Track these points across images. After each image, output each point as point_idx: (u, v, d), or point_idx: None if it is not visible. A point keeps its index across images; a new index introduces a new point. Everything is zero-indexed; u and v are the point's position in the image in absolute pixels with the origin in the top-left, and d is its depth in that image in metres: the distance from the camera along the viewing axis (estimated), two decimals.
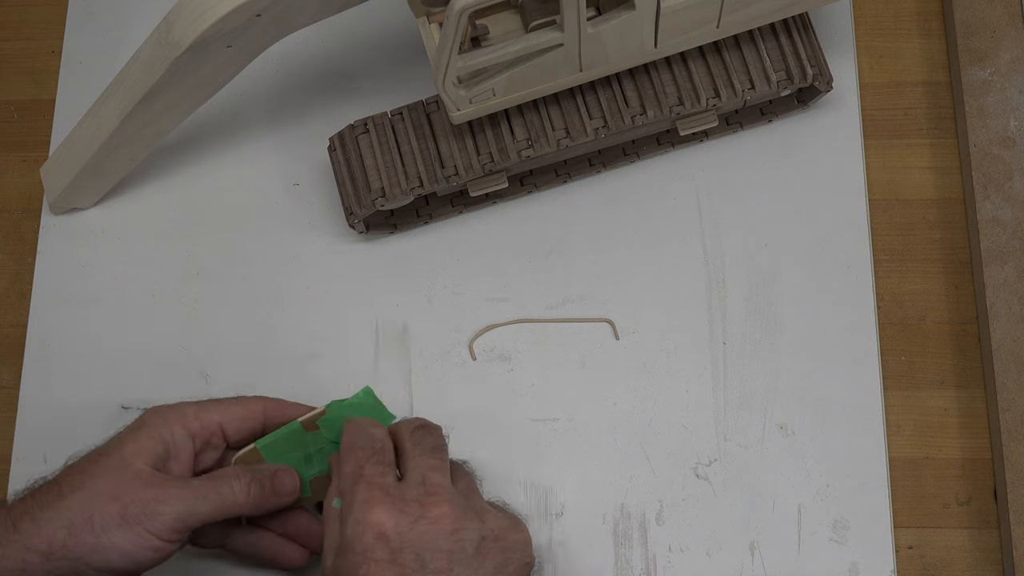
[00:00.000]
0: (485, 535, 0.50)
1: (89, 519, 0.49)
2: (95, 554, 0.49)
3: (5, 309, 0.67)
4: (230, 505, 0.52)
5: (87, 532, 0.49)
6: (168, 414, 0.54)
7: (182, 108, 0.61)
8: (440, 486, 0.50)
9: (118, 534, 0.49)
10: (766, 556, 0.60)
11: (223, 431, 0.55)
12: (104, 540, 0.49)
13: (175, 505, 0.50)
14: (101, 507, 0.50)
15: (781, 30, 0.62)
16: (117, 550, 0.49)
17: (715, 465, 0.61)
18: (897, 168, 0.67)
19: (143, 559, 0.50)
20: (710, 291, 0.64)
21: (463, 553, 0.49)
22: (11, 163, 0.70)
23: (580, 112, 0.61)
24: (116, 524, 0.49)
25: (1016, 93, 0.65)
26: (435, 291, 0.65)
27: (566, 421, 0.62)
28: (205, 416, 0.54)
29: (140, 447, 0.52)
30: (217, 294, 0.66)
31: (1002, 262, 0.63)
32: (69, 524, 0.49)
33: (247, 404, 0.56)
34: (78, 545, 0.49)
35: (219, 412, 0.55)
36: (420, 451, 0.52)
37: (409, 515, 0.48)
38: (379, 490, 0.49)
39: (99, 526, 0.49)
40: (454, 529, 0.49)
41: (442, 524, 0.49)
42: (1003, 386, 0.61)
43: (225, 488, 0.52)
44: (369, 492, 0.49)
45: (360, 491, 0.49)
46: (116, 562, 0.49)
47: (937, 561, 0.60)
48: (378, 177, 0.61)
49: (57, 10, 0.72)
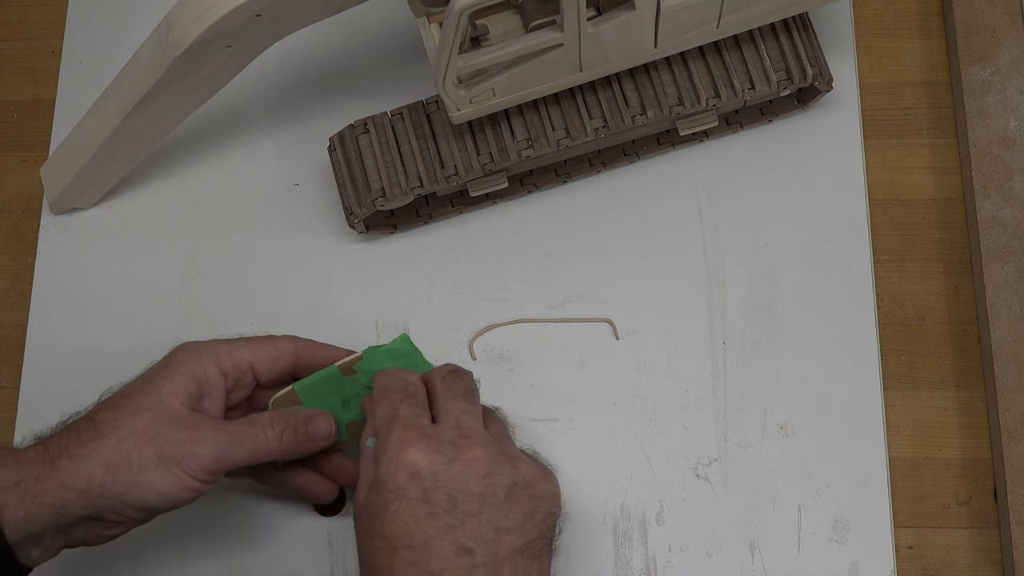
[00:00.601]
0: (516, 481, 0.50)
1: (127, 458, 0.50)
2: (132, 493, 0.50)
3: (5, 309, 0.67)
4: (264, 451, 0.53)
5: (124, 471, 0.50)
6: (200, 351, 0.54)
7: (182, 108, 0.61)
8: (473, 430, 0.51)
9: (155, 474, 0.50)
10: (766, 556, 0.60)
11: (253, 370, 0.55)
12: (141, 479, 0.50)
13: (211, 447, 0.51)
14: (139, 447, 0.50)
15: (781, 30, 0.62)
16: (154, 489, 0.50)
17: (715, 465, 0.61)
18: (897, 168, 0.67)
19: (179, 498, 0.51)
20: (710, 291, 0.64)
21: (494, 497, 0.49)
22: (11, 163, 0.70)
23: (580, 112, 0.61)
24: (153, 464, 0.50)
25: (1016, 93, 0.65)
26: (435, 291, 0.65)
27: (566, 421, 0.62)
28: (236, 355, 0.55)
29: (176, 386, 0.52)
30: (217, 294, 0.66)
31: (1002, 262, 0.63)
32: (107, 463, 0.50)
33: (278, 344, 0.56)
34: (115, 484, 0.50)
35: (250, 351, 0.55)
36: (452, 395, 0.52)
37: (443, 456, 0.49)
38: (415, 430, 0.50)
39: (136, 465, 0.50)
40: (486, 473, 0.49)
41: (475, 467, 0.49)
42: (1003, 386, 0.61)
43: (260, 434, 0.53)
44: (404, 432, 0.50)
45: (395, 431, 0.50)
46: (153, 501, 0.50)
47: (937, 561, 0.60)
48: (378, 177, 0.61)
49: (57, 10, 0.72)
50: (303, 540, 0.61)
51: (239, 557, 0.61)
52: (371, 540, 0.49)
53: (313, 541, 0.61)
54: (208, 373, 0.54)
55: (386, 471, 0.49)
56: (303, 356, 0.57)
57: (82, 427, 0.51)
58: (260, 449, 0.53)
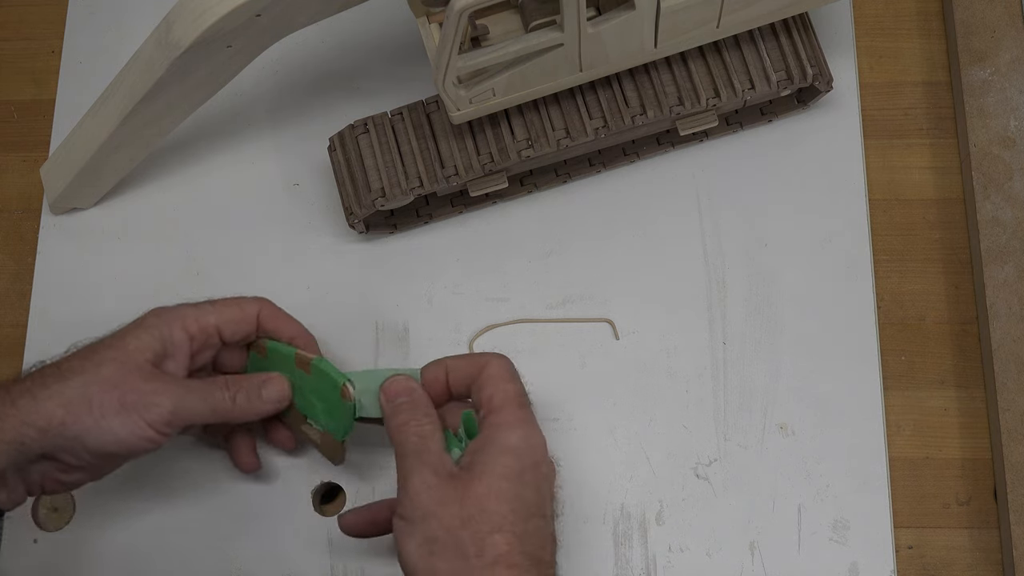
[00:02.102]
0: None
1: (88, 401, 0.51)
2: (91, 435, 0.51)
3: (5, 309, 0.67)
4: (220, 410, 0.55)
5: (85, 413, 0.51)
6: (169, 315, 0.56)
7: (182, 108, 0.61)
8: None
9: (116, 419, 0.51)
10: (766, 556, 0.60)
11: (219, 332, 0.57)
12: (102, 423, 0.51)
13: (171, 399, 0.53)
14: (101, 392, 0.52)
15: (781, 30, 0.62)
16: (113, 434, 0.51)
17: (715, 465, 0.61)
18: (897, 168, 0.67)
19: (135, 446, 0.52)
20: (710, 291, 0.64)
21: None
22: (11, 163, 0.70)
23: (580, 112, 0.61)
24: (114, 410, 0.51)
25: (1016, 93, 0.65)
26: (435, 291, 0.65)
27: (566, 421, 0.62)
28: (203, 319, 0.56)
29: (142, 343, 0.54)
30: (217, 294, 0.65)
31: (1002, 262, 0.63)
32: (67, 403, 0.51)
33: (243, 307, 0.58)
34: (75, 423, 0.51)
35: (216, 315, 0.57)
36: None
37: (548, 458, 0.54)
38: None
39: (97, 409, 0.51)
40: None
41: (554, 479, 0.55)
42: (1003, 386, 0.61)
43: (217, 393, 0.55)
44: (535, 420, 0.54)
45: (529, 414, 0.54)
46: (110, 445, 0.52)
47: (937, 561, 0.60)
48: (378, 177, 0.61)
49: (57, 10, 0.72)
50: (303, 540, 0.61)
51: (239, 557, 0.61)
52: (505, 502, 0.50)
53: (313, 541, 0.61)
54: (175, 335, 0.55)
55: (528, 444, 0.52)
56: (266, 320, 0.58)
57: (47, 372, 0.53)
58: (216, 407, 0.55)
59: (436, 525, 0.49)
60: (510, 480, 0.50)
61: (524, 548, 0.49)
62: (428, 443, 0.52)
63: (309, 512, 0.62)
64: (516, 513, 0.50)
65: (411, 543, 0.49)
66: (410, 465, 0.51)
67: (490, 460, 0.51)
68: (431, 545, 0.49)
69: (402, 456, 0.52)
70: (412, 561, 0.49)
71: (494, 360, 0.55)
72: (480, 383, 0.54)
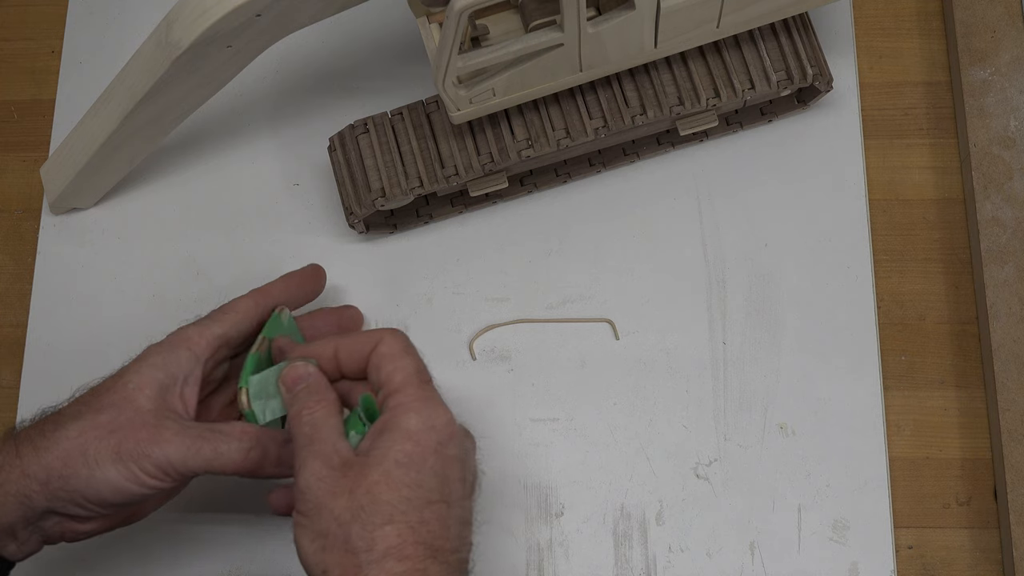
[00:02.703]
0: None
1: (84, 452, 0.50)
2: (88, 487, 0.50)
3: (5, 309, 0.67)
4: (225, 463, 0.51)
5: (81, 464, 0.49)
6: (170, 340, 0.54)
7: (182, 108, 0.61)
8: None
9: (111, 468, 0.49)
10: (766, 556, 0.60)
11: (227, 340, 0.55)
12: (97, 473, 0.49)
13: (167, 450, 0.50)
14: (97, 440, 0.50)
15: (781, 30, 0.62)
16: (109, 484, 0.50)
17: (715, 465, 0.61)
18: (897, 168, 0.67)
19: (134, 494, 0.50)
20: (710, 291, 0.64)
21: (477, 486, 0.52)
22: (11, 163, 0.70)
23: (580, 112, 0.61)
24: (109, 459, 0.49)
25: (1016, 93, 0.65)
26: (435, 291, 0.65)
27: (566, 421, 0.62)
28: (207, 332, 0.54)
29: (142, 379, 0.52)
30: (217, 294, 0.66)
31: (1002, 262, 0.63)
32: (65, 455, 0.49)
33: (238, 307, 0.56)
34: (72, 476, 0.49)
35: (218, 324, 0.55)
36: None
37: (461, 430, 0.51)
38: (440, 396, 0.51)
39: (93, 459, 0.49)
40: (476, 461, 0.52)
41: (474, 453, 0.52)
42: (1003, 386, 0.61)
43: (223, 446, 0.51)
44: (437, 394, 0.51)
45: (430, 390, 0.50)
46: (108, 496, 0.50)
47: (937, 561, 0.60)
48: (378, 177, 0.61)
49: (57, 10, 0.72)
50: None
51: (239, 557, 0.61)
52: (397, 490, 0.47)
53: None
54: (181, 359, 0.53)
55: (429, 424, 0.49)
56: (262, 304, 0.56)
57: (49, 419, 0.51)
58: (220, 461, 0.51)
59: (328, 518, 0.46)
60: (406, 467, 0.47)
61: (419, 538, 0.47)
62: (319, 431, 0.49)
63: None
64: (410, 502, 0.47)
65: (305, 538, 0.47)
66: (303, 457, 0.48)
67: (386, 446, 0.48)
68: (323, 540, 0.46)
69: (297, 448, 0.49)
70: (306, 557, 0.47)
71: (387, 335, 0.51)
72: (375, 362, 0.51)
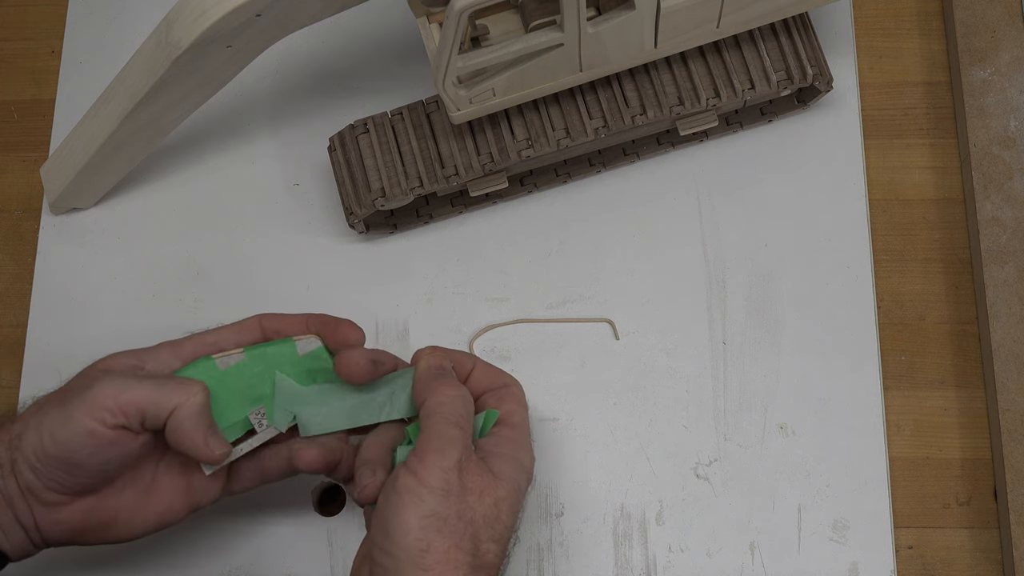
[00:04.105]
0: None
1: (38, 408, 0.50)
2: (35, 440, 0.49)
3: (5, 309, 0.67)
4: (170, 393, 0.50)
5: (31, 418, 0.50)
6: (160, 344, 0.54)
7: (182, 108, 0.61)
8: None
9: (52, 416, 0.49)
10: (766, 556, 0.60)
11: (220, 350, 0.54)
12: (43, 424, 0.49)
13: (107, 384, 0.49)
14: (50, 399, 0.51)
15: (781, 30, 0.62)
16: (51, 434, 0.49)
17: (715, 465, 0.61)
18: (897, 168, 0.67)
19: (75, 443, 0.49)
20: (710, 291, 0.64)
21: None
22: (11, 163, 0.70)
23: (580, 112, 0.61)
24: (54, 408, 0.50)
25: (1016, 93, 0.65)
26: (435, 291, 0.65)
27: (566, 421, 0.62)
28: (197, 339, 0.54)
29: (114, 360, 0.52)
30: (217, 294, 0.66)
31: (1002, 262, 0.63)
32: (27, 417, 0.50)
33: (241, 323, 0.56)
34: (25, 431, 0.49)
35: (214, 334, 0.55)
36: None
37: None
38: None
39: (42, 413, 0.50)
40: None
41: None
42: (1003, 386, 0.61)
43: (171, 380, 0.51)
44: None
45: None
46: (50, 447, 0.49)
47: (937, 561, 0.60)
48: (378, 177, 0.61)
49: (57, 10, 0.72)
50: (303, 540, 0.61)
51: (239, 557, 0.61)
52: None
53: (313, 541, 0.61)
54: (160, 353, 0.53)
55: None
56: (269, 322, 0.56)
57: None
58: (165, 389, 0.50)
59: (455, 506, 0.48)
60: (512, 501, 0.50)
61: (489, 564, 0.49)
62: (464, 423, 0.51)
63: (309, 512, 0.62)
64: (507, 530, 0.50)
65: (414, 512, 0.48)
66: (451, 436, 0.50)
67: (513, 471, 0.51)
68: (441, 523, 0.48)
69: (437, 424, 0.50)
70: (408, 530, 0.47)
71: (517, 384, 0.57)
72: (502, 395, 0.55)
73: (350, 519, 0.61)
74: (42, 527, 0.51)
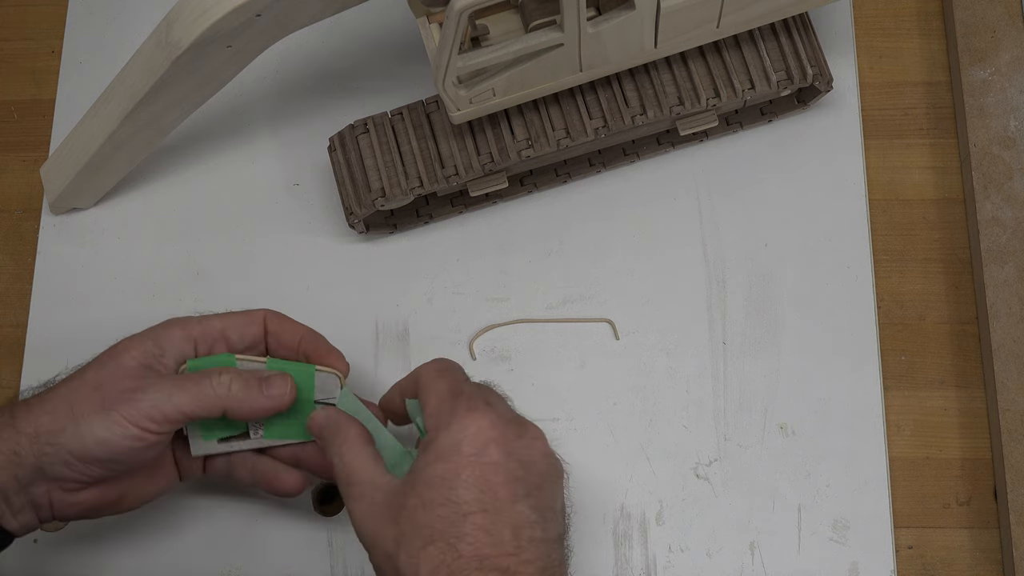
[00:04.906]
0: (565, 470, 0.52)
1: (70, 405, 0.51)
2: (74, 440, 0.50)
3: (5, 309, 0.67)
4: (209, 398, 0.52)
5: (67, 417, 0.50)
6: (169, 320, 0.55)
7: (182, 108, 0.61)
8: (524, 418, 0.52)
9: (96, 420, 0.50)
10: (766, 556, 0.60)
11: (225, 336, 0.56)
12: (83, 426, 0.50)
13: (152, 393, 0.51)
14: (83, 395, 0.51)
15: (781, 30, 0.62)
16: (94, 436, 0.50)
17: (715, 465, 0.61)
18: (897, 168, 0.67)
19: (119, 447, 0.51)
20: (710, 291, 0.64)
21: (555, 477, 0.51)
22: (11, 163, 0.70)
23: (580, 112, 0.61)
24: (94, 410, 0.50)
25: (1016, 93, 0.65)
26: (435, 291, 0.65)
27: (566, 421, 0.62)
28: (206, 323, 0.55)
29: (131, 343, 0.53)
30: (217, 294, 0.66)
31: (1002, 262, 0.63)
32: (53, 410, 0.51)
33: (250, 312, 0.57)
34: (59, 431, 0.50)
35: (220, 320, 0.56)
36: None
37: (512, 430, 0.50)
38: (483, 403, 0.50)
39: (78, 412, 0.51)
40: (548, 453, 0.51)
41: (539, 446, 0.51)
42: (1003, 386, 0.61)
43: (205, 381, 0.52)
44: (473, 403, 0.50)
45: (462, 403, 0.50)
46: (93, 449, 0.50)
47: (937, 561, 0.60)
48: (378, 177, 0.61)
49: (57, 10, 0.72)
50: (303, 540, 0.61)
51: (239, 557, 0.61)
52: (432, 510, 0.48)
53: (313, 541, 0.61)
54: (174, 336, 0.54)
55: (459, 438, 0.49)
56: (272, 321, 0.57)
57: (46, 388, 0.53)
58: (204, 395, 0.52)
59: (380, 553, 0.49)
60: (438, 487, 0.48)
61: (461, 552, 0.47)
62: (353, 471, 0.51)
63: (309, 512, 0.62)
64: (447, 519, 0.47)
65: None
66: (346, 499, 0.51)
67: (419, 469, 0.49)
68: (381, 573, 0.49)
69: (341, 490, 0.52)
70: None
71: (424, 367, 0.54)
72: (421, 398, 0.53)
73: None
74: (56, 508, 0.53)
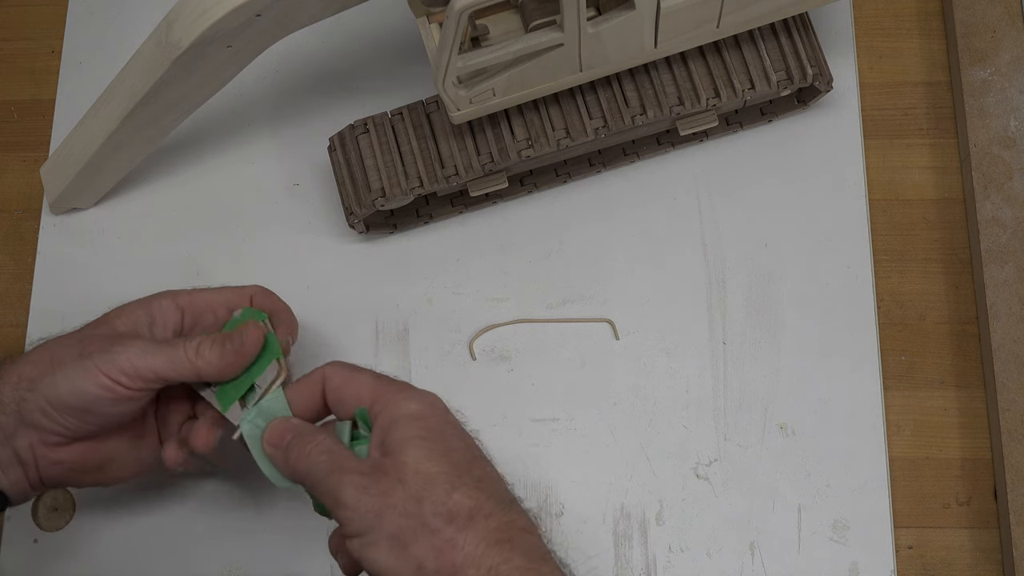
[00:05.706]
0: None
1: (51, 355, 0.52)
2: (50, 388, 0.51)
3: (5, 309, 0.67)
4: (182, 360, 0.53)
5: (47, 366, 0.52)
6: (161, 292, 0.57)
7: (182, 108, 0.61)
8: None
9: (72, 368, 0.52)
10: (766, 556, 0.60)
11: (213, 309, 0.57)
12: (59, 373, 0.52)
13: (130, 348, 0.52)
14: (66, 347, 0.53)
15: (781, 30, 0.62)
16: (68, 383, 0.51)
17: (715, 465, 0.61)
18: (897, 168, 0.67)
19: (90, 395, 0.52)
20: (710, 291, 0.64)
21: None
22: (11, 163, 0.70)
23: (580, 112, 0.61)
24: (72, 359, 0.52)
25: (1016, 93, 0.65)
26: (435, 291, 0.65)
27: (566, 421, 0.62)
28: (196, 295, 0.57)
29: (124, 311, 0.55)
30: None
31: (1002, 262, 0.63)
32: (36, 359, 0.53)
33: (240, 288, 0.58)
34: (39, 377, 0.52)
35: (211, 293, 0.57)
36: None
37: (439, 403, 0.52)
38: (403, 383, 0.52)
39: (57, 361, 0.52)
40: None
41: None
42: (1003, 386, 0.61)
43: (179, 343, 0.53)
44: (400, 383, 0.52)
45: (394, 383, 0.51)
46: (66, 397, 0.51)
47: (937, 561, 0.60)
48: (378, 177, 0.61)
49: (57, 10, 0.72)
50: (303, 540, 0.61)
51: (239, 557, 0.61)
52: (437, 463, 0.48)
53: (313, 541, 0.61)
54: (164, 306, 0.56)
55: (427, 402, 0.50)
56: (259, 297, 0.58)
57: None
58: (178, 357, 0.53)
59: (393, 517, 0.46)
60: (432, 440, 0.48)
61: (487, 494, 0.47)
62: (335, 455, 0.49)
63: (309, 512, 0.62)
64: (458, 466, 0.47)
65: (379, 553, 0.46)
66: (335, 483, 0.48)
67: (401, 434, 0.48)
68: (399, 539, 0.46)
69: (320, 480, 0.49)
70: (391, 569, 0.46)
71: (327, 368, 0.52)
72: (335, 397, 0.52)
73: None
74: (41, 466, 0.53)
